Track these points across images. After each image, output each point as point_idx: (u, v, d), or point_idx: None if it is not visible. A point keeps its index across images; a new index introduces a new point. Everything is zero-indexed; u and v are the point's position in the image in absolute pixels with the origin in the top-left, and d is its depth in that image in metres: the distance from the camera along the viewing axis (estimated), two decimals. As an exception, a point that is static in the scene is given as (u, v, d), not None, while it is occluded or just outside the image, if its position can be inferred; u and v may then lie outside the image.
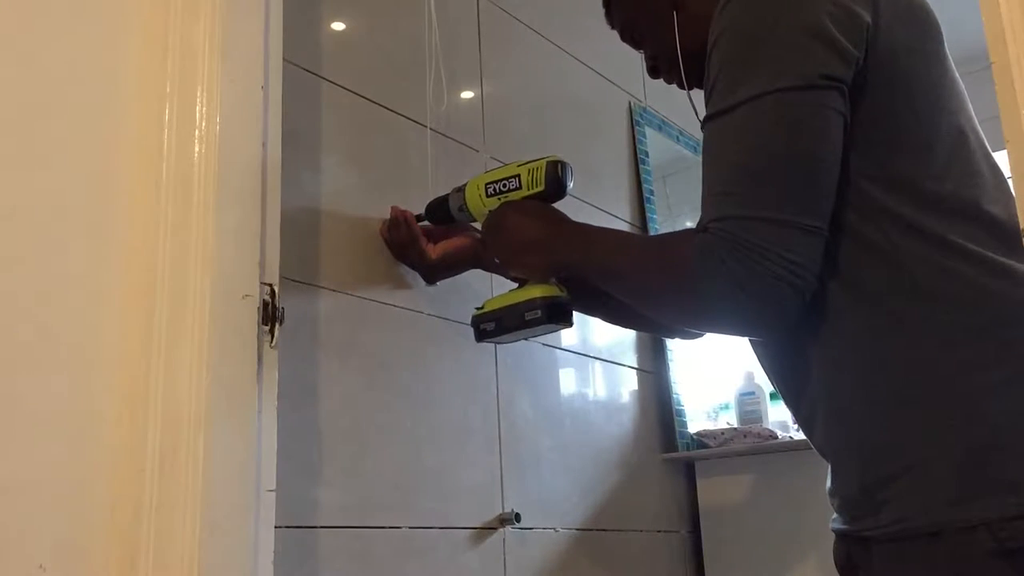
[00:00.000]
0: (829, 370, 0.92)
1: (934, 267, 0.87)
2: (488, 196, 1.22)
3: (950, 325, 0.86)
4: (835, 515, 0.99)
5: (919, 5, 0.94)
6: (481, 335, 1.22)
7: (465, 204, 1.25)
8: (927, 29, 0.93)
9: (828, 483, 0.98)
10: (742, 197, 0.86)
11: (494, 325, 1.19)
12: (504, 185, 1.20)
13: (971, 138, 0.93)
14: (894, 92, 0.89)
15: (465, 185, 1.27)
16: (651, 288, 0.98)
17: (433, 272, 1.49)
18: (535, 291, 1.15)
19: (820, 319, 0.91)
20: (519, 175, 1.19)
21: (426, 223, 1.42)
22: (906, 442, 0.86)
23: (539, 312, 1.14)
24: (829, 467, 0.98)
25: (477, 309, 1.23)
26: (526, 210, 1.15)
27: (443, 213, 1.32)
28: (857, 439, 0.91)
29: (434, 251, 1.44)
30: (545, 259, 1.12)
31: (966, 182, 0.90)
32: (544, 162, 1.18)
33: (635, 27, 1.14)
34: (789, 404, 1.03)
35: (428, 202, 1.37)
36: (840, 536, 0.98)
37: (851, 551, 0.96)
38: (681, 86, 1.13)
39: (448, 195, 1.31)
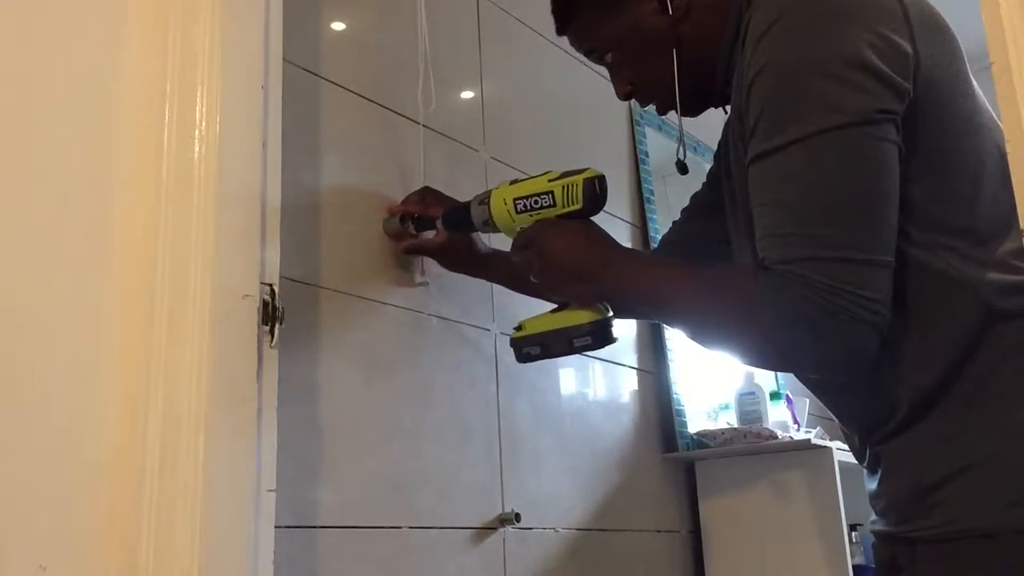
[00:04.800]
0: (893, 388, 0.92)
1: (994, 286, 0.87)
2: (518, 212, 1.14)
3: (1011, 335, 0.87)
4: (876, 517, 0.99)
5: (942, 24, 0.93)
6: (525, 358, 1.16)
7: (491, 219, 1.18)
8: (953, 48, 0.93)
9: (873, 485, 0.98)
10: (809, 238, 0.84)
11: (539, 349, 1.13)
12: (536, 202, 1.12)
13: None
14: (940, 120, 0.89)
15: (488, 197, 1.19)
16: (716, 330, 0.95)
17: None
18: (581, 316, 1.09)
19: (885, 342, 0.91)
20: (552, 192, 1.11)
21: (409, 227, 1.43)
22: (964, 444, 0.87)
23: (589, 339, 1.09)
24: (875, 469, 0.98)
25: (516, 330, 1.16)
26: (569, 233, 1.08)
27: (465, 225, 1.25)
28: (914, 442, 0.91)
29: (431, 244, 1.46)
30: (595, 288, 1.06)
31: (1009, 200, 0.90)
32: (581, 179, 1.11)
33: (615, 52, 1.11)
34: (842, 413, 1.03)
35: (446, 211, 1.32)
36: (883, 538, 0.98)
37: (895, 552, 0.95)
38: (663, 112, 1.13)
39: (468, 205, 1.24)
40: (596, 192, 1.10)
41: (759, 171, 0.88)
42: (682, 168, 1.15)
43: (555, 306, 1.14)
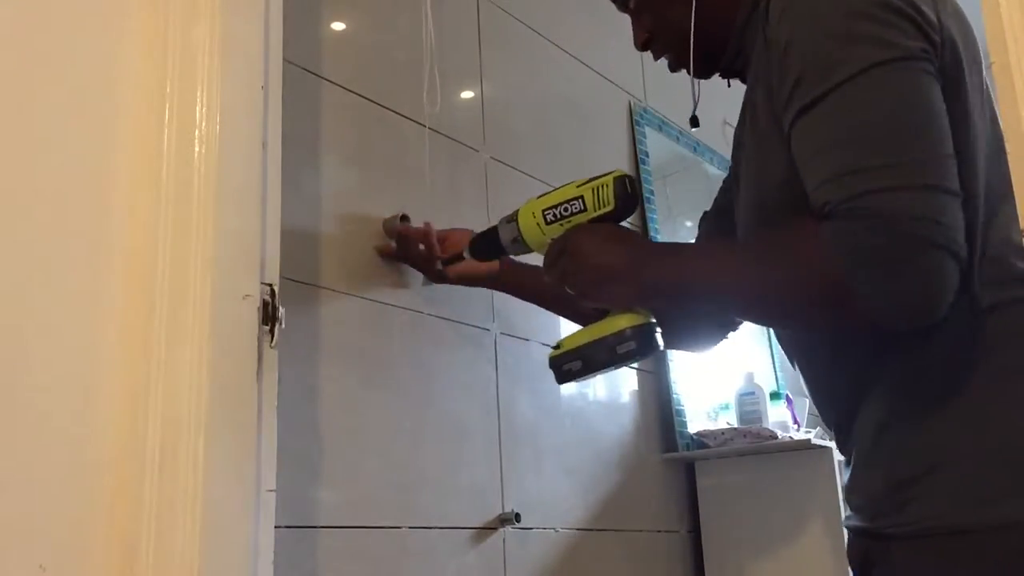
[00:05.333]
0: (871, 372, 0.91)
1: (982, 279, 0.86)
2: (548, 223, 1.09)
3: (991, 330, 0.86)
4: (851, 512, 0.99)
5: (963, 14, 0.93)
6: (565, 376, 1.09)
7: (520, 235, 1.12)
8: (972, 39, 0.93)
9: (847, 480, 0.98)
10: (874, 170, 0.79)
11: (581, 364, 1.07)
12: (565, 209, 1.07)
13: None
14: (955, 97, 0.87)
15: (516, 214, 1.13)
16: (782, 297, 0.88)
17: (440, 279, 1.49)
18: (622, 321, 1.04)
19: (871, 344, 0.90)
20: (582, 196, 1.07)
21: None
22: (938, 439, 0.86)
23: (632, 344, 1.03)
24: (850, 464, 0.97)
25: (554, 349, 1.10)
26: (601, 234, 1.03)
27: (494, 248, 1.18)
28: (889, 436, 0.90)
29: (452, 272, 1.44)
30: (636, 286, 0.99)
31: (994, 194, 0.90)
32: (611, 178, 1.06)
33: None
34: (820, 404, 1.02)
35: (472, 238, 1.25)
36: (857, 533, 0.97)
37: (868, 548, 0.95)
38: (674, 68, 1.11)
39: (496, 227, 1.17)
40: (628, 191, 1.06)
41: (809, 120, 0.85)
42: (694, 122, 1.12)
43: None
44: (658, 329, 1.05)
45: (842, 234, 0.80)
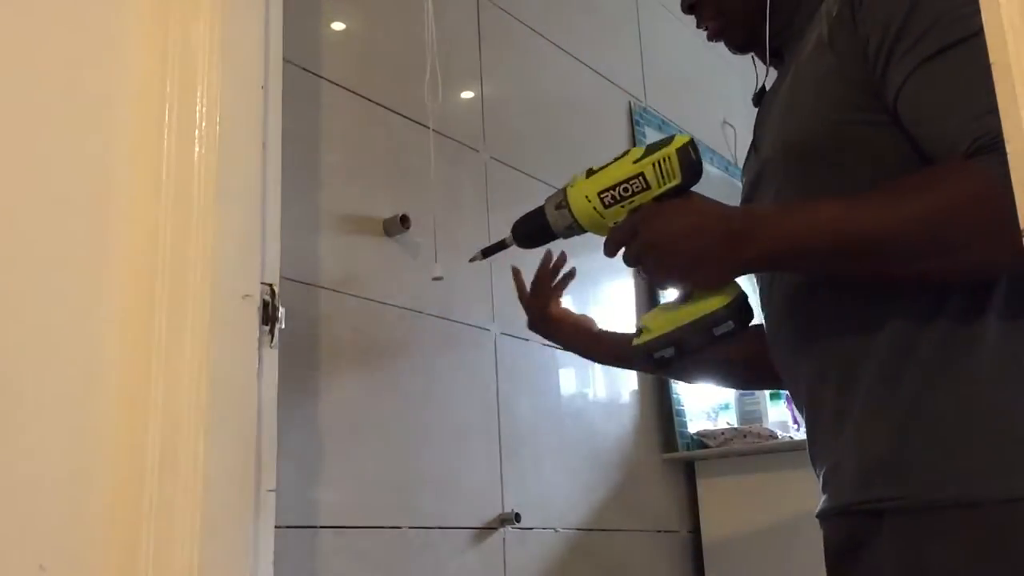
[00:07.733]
0: (875, 336, 0.89)
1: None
2: (607, 207, 1.01)
3: (1011, 304, 0.84)
4: (827, 496, 0.96)
5: None
6: (659, 364, 1.01)
7: (576, 222, 1.04)
8: None
9: (831, 457, 0.95)
10: None
11: (674, 350, 0.99)
12: (625, 190, 1.00)
13: None
14: None
15: (565, 198, 1.05)
16: (957, 233, 0.81)
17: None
18: (715, 301, 0.96)
19: (876, 299, 0.89)
20: (643, 174, 0.99)
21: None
22: (944, 407, 0.84)
23: (731, 323, 0.96)
24: (837, 439, 0.94)
25: (638, 336, 1.01)
26: (682, 213, 0.95)
27: (544, 236, 1.10)
28: (889, 404, 0.87)
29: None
30: (738, 263, 0.92)
31: None
32: (673, 150, 0.98)
33: None
34: (804, 366, 0.99)
35: (516, 223, 1.13)
36: (841, 513, 0.94)
37: (855, 528, 0.91)
38: (713, 38, 1.09)
39: (543, 212, 1.09)
40: (693, 159, 0.98)
41: (947, 64, 0.83)
42: (756, 100, 1.08)
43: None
44: (747, 297, 0.97)
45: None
